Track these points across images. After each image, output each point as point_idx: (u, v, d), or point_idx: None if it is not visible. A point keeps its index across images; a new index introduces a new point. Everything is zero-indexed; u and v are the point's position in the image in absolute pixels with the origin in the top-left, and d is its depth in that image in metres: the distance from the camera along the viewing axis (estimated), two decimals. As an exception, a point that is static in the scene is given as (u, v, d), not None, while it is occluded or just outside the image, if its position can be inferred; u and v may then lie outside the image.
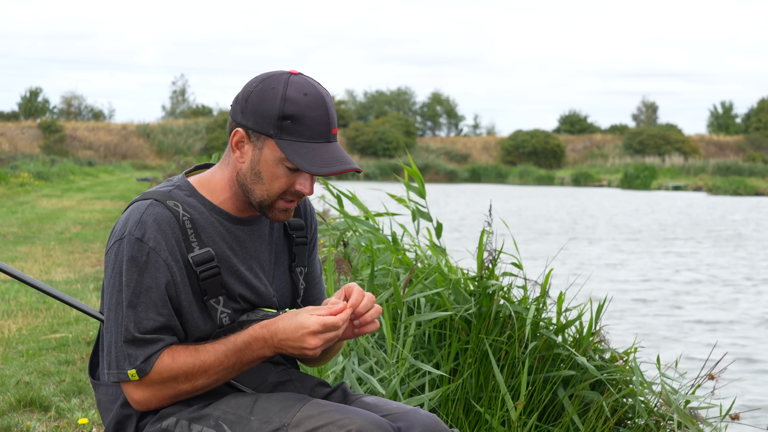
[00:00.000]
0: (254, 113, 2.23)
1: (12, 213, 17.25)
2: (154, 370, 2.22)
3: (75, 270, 9.83)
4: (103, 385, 2.34)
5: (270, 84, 2.24)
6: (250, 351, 2.23)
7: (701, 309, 11.17)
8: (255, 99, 2.24)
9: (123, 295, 2.23)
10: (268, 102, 2.22)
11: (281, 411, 2.18)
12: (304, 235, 2.48)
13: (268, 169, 2.25)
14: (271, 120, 2.21)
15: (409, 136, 69.39)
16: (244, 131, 2.26)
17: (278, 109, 2.21)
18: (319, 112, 2.23)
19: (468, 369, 3.94)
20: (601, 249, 17.66)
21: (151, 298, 2.22)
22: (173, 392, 2.25)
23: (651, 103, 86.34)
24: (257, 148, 2.25)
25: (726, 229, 23.18)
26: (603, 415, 3.83)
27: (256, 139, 2.25)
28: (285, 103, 2.21)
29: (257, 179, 2.27)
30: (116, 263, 2.25)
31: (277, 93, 2.22)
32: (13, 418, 4.41)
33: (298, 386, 2.39)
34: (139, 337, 2.22)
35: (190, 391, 2.26)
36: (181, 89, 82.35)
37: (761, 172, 53.26)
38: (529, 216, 26.13)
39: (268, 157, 2.24)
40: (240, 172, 2.30)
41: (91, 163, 49.42)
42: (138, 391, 2.24)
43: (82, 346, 6.04)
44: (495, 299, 4.00)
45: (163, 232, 2.23)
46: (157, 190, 2.31)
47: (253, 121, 2.23)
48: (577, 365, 3.97)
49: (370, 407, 2.35)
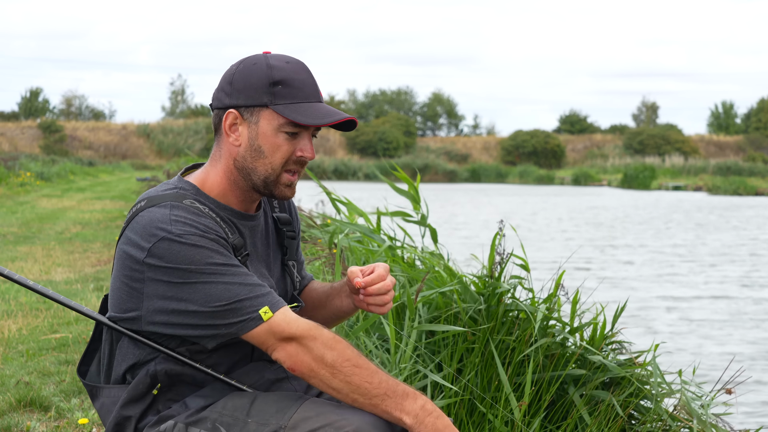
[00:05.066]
0: (243, 90, 2.25)
1: (12, 213, 17.24)
2: (301, 320, 2.19)
3: (75, 270, 9.81)
4: (105, 388, 2.31)
5: (250, 62, 2.27)
6: (399, 398, 2.15)
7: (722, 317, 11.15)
8: (240, 78, 2.26)
9: (205, 274, 2.16)
10: (254, 75, 2.25)
11: (278, 412, 2.17)
12: (293, 230, 2.51)
13: (267, 141, 2.26)
14: (262, 89, 2.24)
15: (409, 136, 69.39)
16: (236, 111, 2.27)
17: (267, 77, 2.24)
18: (305, 75, 2.27)
19: (472, 369, 3.92)
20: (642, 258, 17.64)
21: (234, 265, 2.19)
22: (315, 355, 2.17)
23: (651, 103, 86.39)
24: (253, 124, 2.26)
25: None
26: (613, 414, 3.81)
27: (249, 115, 2.26)
28: (272, 71, 2.24)
29: (258, 155, 2.27)
30: (170, 264, 2.16)
31: (262, 65, 2.25)
32: (13, 418, 4.38)
33: (294, 383, 2.38)
34: (258, 282, 2.20)
35: (323, 370, 2.16)
36: (180, 89, 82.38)
37: (761, 172, 53.26)
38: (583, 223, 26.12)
39: (266, 128, 2.25)
40: (237, 156, 2.29)
41: (91, 163, 49.41)
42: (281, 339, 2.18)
43: (82, 346, 6.02)
44: (503, 298, 3.99)
45: (202, 222, 2.21)
46: (164, 194, 2.27)
47: (244, 96, 2.25)
48: (587, 365, 3.95)
49: None
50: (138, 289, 2.21)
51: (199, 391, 2.27)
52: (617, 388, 3.92)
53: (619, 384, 3.94)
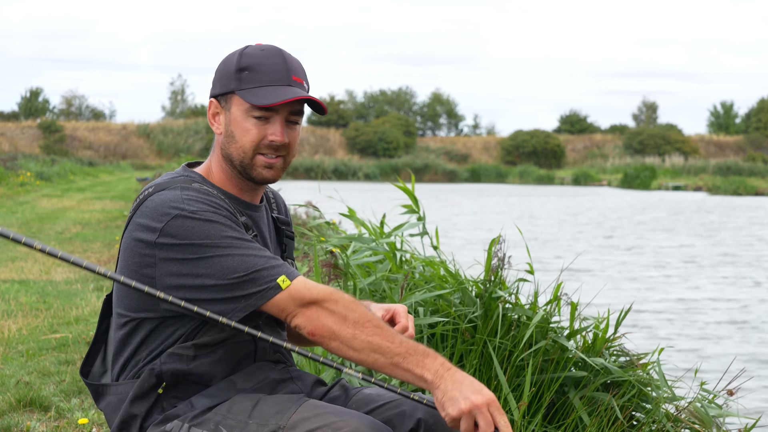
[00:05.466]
0: (219, 79, 2.34)
1: (12, 213, 17.24)
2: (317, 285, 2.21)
3: (75, 270, 9.81)
4: (112, 386, 2.31)
5: (232, 53, 2.35)
6: (420, 356, 2.14)
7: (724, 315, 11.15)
8: (219, 68, 2.35)
9: (221, 247, 2.17)
10: (227, 64, 2.33)
11: (278, 413, 2.18)
12: (291, 230, 2.56)
13: (238, 126, 2.31)
14: (231, 76, 2.30)
15: (409, 136, 69.39)
16: (215, 100, 2.35)
17: (236, 64, 2.30)
18: (276, 60, 2.31)
19: (470, 370, 3.92)
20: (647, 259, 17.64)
21: (248, 240, 2.22)
22: (330, 315, 2.18)
23: (651, 103, 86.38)
24: (226, 110, 2.33)
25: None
26: (612, 415, 3.81)
27: (225, 102, 2.33)
28: (241, 57, 2.31)
29: (231, 140, 2.32)
30: (185, 240, 2.17)
31: (236, 54, 2.33)
32: (13, 418, 4.38)
33: (298, 384, 2.39)
34: (269, 255, 2.23)
35: (345, 330, 2.17)
36: (180, 89, 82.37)
37: (761, 172, 53.26)
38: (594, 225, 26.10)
39: (236, 113, 2.31)
40: (222, 144, 2.35)
41: (92, 163, 49.41)
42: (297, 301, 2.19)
43: (82, 346, 6.02)
44: (500, 302, 3.99)
45: (213, 200, 2.24)
46: (172, 179, 2.30)
47: (219, 85, 2.34)
48: (587, 367, 3.95)
49: (371, 398, 2.37)
50: (148, 274, 2.21)
51: (205, 390, 2.28)
52: (619, 390, 3.92)
53: (620, 386, 3.94)
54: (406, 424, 2.28)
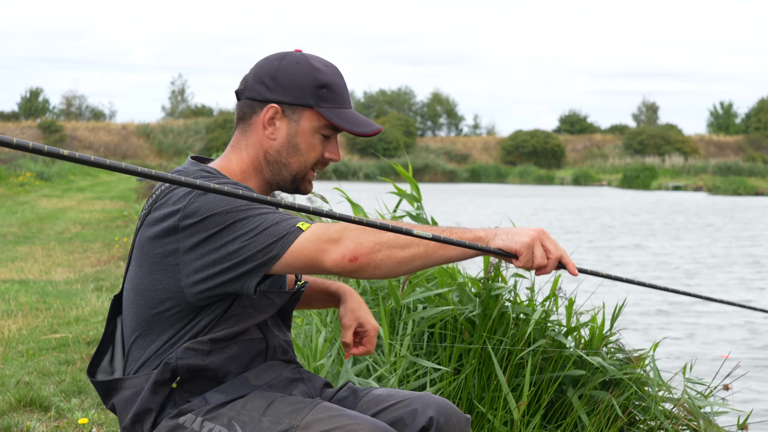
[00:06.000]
0: (289, 88, 2.31)
1: (12, 213, 17.24)
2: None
3: (75, 270, 9.82)
4: (126, 379, 2.32)
5: (293, 59, 2.34)
6: (461, 229, 2.12)
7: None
8: (284, 74, 2.32)
9: (241, 211, 2.17)
10: (301, 75, 2.31)
11: (291, 413, 2.21)
12: None
13: (305, 140, 2.34)
14: (308, 90, 2.31)
15: (409, 136, 69.39)
16: (278, 107, 2.32)
17: (314, 79, 2.31)
18: (342, 80, 2.37)
19: (470, 369, 3.93)
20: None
21: (268, 208, 2.21)
22: (372, 238, 2.10)
23: (651, 103, 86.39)
24: (293, 121, 2.33)
25: None
26: (612, 414, 3.82)
27: (291, 112, 2.32)
28: (318, 73, 2.32)
29: (295, 151, 2.34)
30: (207, 213, 2.17)
31: (306, 66, 2.32)
32: (13, 418, 4.39)
33: (308, 385, 2.42)
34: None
35: (386, 236, 2.09)
36: (180, 89, 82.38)
37: (761, 172, 53.25)
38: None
39: (306, 127, 2.33)
40: (270, 149, 2.35)
41: (91, 163, 49.36)
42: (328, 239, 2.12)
43: (82, 346, 6.02)
44: (499, 300, 3.99)
45: (231, 183, 2.26)
46: (187, 171, 2.30)
47: (290, 94, 2.31)
48: (585, 365, 3.95)
49: (381, 398, 2.38)
50: (172, 264, 2.21)
51: (219, 386, 2.30)
52: (616, 388, 3.92)
53: (618, 385, 3.95)
54: (417, 422, 2.28)
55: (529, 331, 3.85)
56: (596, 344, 4.01)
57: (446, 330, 4.07)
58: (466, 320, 4.03)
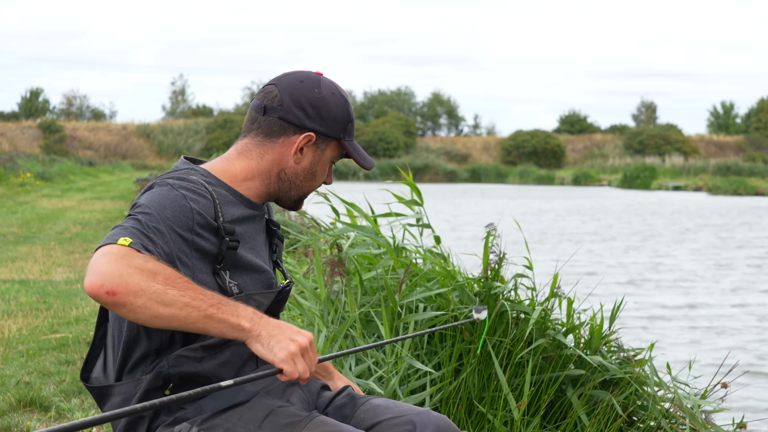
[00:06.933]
0: (327, 119, 2.38)
1: (12, 213, 17.24)
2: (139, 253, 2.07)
3: (75, 270, 9.82)
4: (116, 386, 2.31)
5: (328, 89, 2.40)
6: (232, 306, 2.11)
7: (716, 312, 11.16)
8: (324, 106, 2.37)
9: (145, 214, 2.18)
10: (338, 108, 2.39)
11: (287, 426, 2.20)
12: (282, 233, 2.56)
13: (322, 168, 2.43)
14: (342, 125, 2.40)
15: (409, 136, 69.39)
16: (315, 137, 2.38)
17: (347, 114, 2.41)
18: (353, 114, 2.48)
19: (469, 367, 3.92)
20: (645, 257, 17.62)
21: (164, 232, 2.16)
22: (139, 276, 2.04)
23: (650, 103, 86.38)
24: (320, 150, 2.40)
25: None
26: (612, 413, 3.82)
27: (321, 142, 2.39)
28: (349, 107, 2.43)
29: (312, 177, 2.42)
30: (149, 194, 2.21)
31: (340, 99, 2.41)
32: (13, 418, 4.39)
33: (304, 390, 2.41)
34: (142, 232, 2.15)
35: (155, 286, 2.04)
36: (181, 89, 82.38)
37: (761, 172, 53.25)
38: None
39: (327, 157, 2.42)
40: (288, 169, 2.39)
41: (92, 163, 49.39)
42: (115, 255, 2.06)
43: (82, 346, 6.02)
44: (499, 300, 3.99)
45: (199, 193, 2.24)
46: (173, 174, 2.31)
47: (327, 126, 2.38)
48: (585, 364, 3.95)
49: (380, 409, 2.37)
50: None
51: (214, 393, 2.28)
52: (616, 388, 3.92)
53: (618, 384, 3.95)
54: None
55: (529, 330, 3.85)
56: (596, 344, 4.01)
57: (446, 330, 4.07)
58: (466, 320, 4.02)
